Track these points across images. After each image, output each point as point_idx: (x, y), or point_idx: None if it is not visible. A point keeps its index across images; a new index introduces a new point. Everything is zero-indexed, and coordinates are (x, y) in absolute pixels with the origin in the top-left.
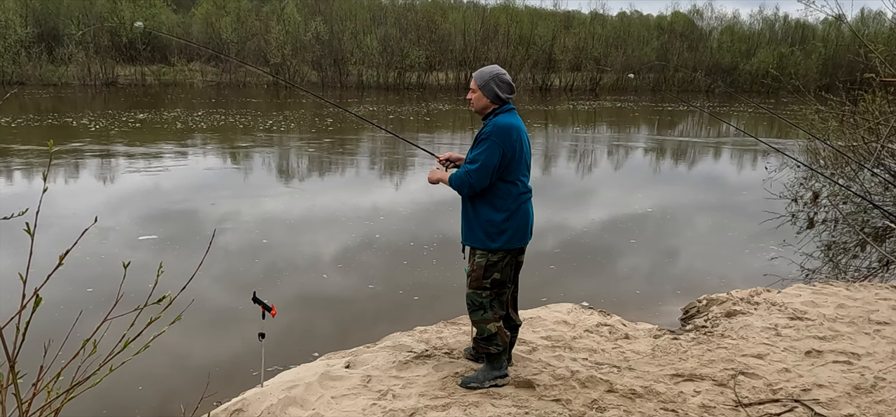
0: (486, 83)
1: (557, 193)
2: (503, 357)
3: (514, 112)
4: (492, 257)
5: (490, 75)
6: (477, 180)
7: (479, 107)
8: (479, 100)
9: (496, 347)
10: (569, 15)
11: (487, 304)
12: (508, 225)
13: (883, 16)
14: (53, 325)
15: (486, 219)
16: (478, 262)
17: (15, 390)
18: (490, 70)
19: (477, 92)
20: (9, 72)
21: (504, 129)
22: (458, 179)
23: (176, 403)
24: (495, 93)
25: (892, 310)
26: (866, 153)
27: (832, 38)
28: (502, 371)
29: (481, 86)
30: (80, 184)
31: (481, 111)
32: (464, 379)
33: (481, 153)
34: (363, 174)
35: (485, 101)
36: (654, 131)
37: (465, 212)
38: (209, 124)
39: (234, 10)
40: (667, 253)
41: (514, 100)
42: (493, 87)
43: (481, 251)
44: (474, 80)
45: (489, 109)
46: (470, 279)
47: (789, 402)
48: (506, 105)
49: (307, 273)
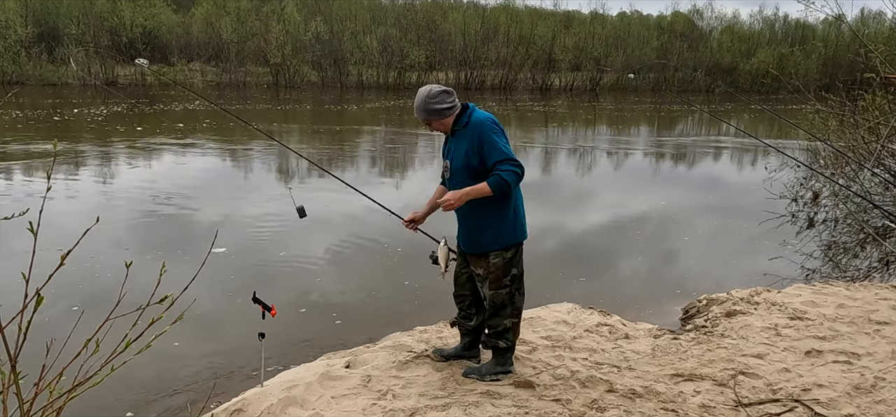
0: (432, 107)
1: (557, 193)
2: (510, 354)
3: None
4: (506, 254)
5: (426, 99)
6: (520, 168)
7: (448, 125)
8: (440, 123)
9: (506, 341)
10: (569, 15)
11: (508, 301)
12: (516, 218)
13: (883, 16)
14: (47, 326)
15: (498, 218)
16: (494, 263)
17: (17, 389)
18: (423, 97)
19: (434, 120)
20: (9, 72)
21: (491, 118)
22: (500, 181)
23: (176, 403)
24: (442, 107)
25: (892, 310)
26: (866, 153)
27: (832, 38)
28: (507, 368)
29: (430, 112)
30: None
31: (452, 124)
32: (465, 370)
33: (499, 147)
34: (363, 173)
35: (448, 119)
36: (654, 131)
37: (472, 221)
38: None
39: (234, 10)
40: (667, 252)
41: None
42: (439, 105)
43: (496, 251)
44: (423, 117)
45: (456, 114)
46: (489, 281)
47: (789, 402)
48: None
49: (307, 273)
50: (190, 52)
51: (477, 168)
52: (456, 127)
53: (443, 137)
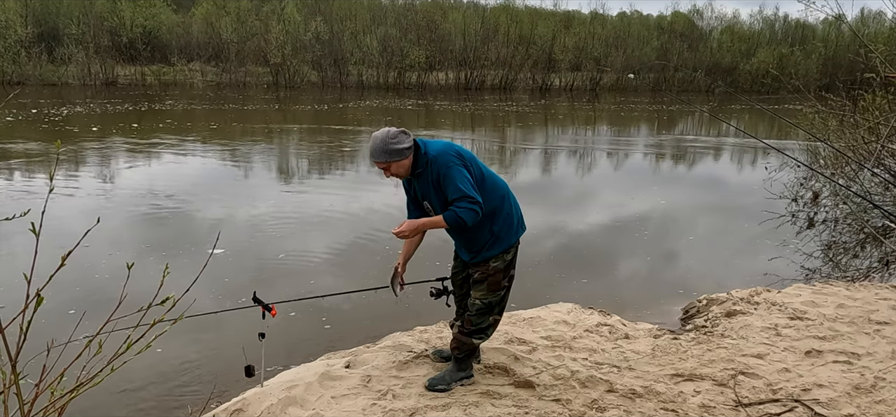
0: (393, 148)
1: (558, 193)
2: (473, 358)
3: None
4: (506, 256)
5: (386, 140)
6: (477, 205)
7: (407, 168)
8: (399, 166)
9: (480, 338)
10: (569, 15)
11: (498, 302)
12: (511, 217)
13: (883, 16)
14: (46, 327)
15: (496, 226)
16: (495, 266)
17: (17, 390)
18: (381, 138)
19: (393, 163)
20: (9, 72)
21: (445, 151)
22: (456, 218)
23: (175, 403)
24: (402, 147)
25: (892, 310)
26: (866, 153)
27: (832, 38)
28: (468, 372)
29: (391, 153)
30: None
31: (411, 166)
32: (430, 381)
33: (455, 183)
34: (362, 173)
35: (407, 161)
36: (653, 131)
37: (469, 235)
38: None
39: (234, 10)
40: (667, 252)
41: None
42: (399, 145)
43: (497, 255)
44: (381, 159)
45: (412, 158)
46: (486, 284)
47: (789, 402)
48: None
49: (307, 272)
50: (190, 52)
51: (457, 200)
52: (417, 168)
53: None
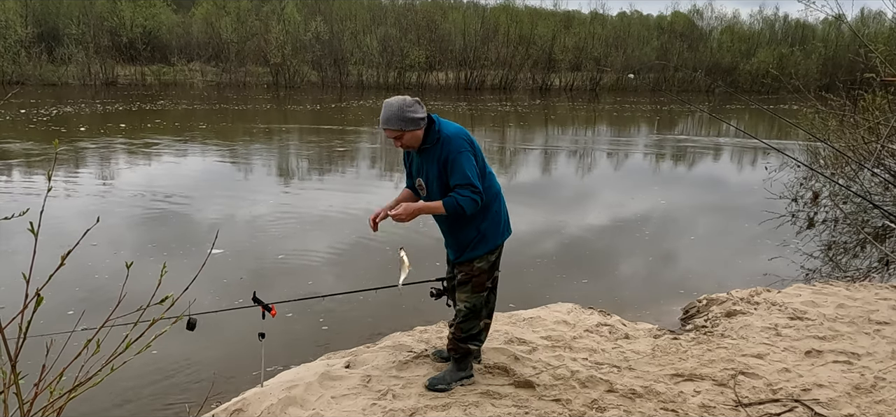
0: (409, 116)
1: (558, 193)
2: (472, 358)
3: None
4: (491, 257)
5: (402, 107)
6: (479, 195)
7: (419, 140)
8: (412, 136)
9: (476, 344)
10: (569, 15)
11: (484, 303)
12: (499, 217)
13: (883, 16)
14: (46, 327)
15: (484, 224)
16: (479, 267)
17: (17, 389)
18: (397, 105)
19: (407, 132)
20: (9, 72)
21: (459, 134)
22: (455, 204)
23: (176, 403)
24: (418, 117)
25: (892, 310)
26: (866, 153)
27: (832, 38)
28: (469, 372)
29: (407, 121)
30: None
31: (420, 138)
32: (430, 381)
33: (464, 169)
34: (363, 172)
35: (419, 132)
36: (654, 131)
37: (458, 231)
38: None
39: (234, 10)
40: (667, 253)
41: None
42: (415, 114)
43: (481, 255)
44: (395, 127)
45: (424, 129)
46: (470, 286)
47: (789, 402)
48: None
49: (307, 272)
50: (190, 52)
51: (459, 186)
52: (425, 143)
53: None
